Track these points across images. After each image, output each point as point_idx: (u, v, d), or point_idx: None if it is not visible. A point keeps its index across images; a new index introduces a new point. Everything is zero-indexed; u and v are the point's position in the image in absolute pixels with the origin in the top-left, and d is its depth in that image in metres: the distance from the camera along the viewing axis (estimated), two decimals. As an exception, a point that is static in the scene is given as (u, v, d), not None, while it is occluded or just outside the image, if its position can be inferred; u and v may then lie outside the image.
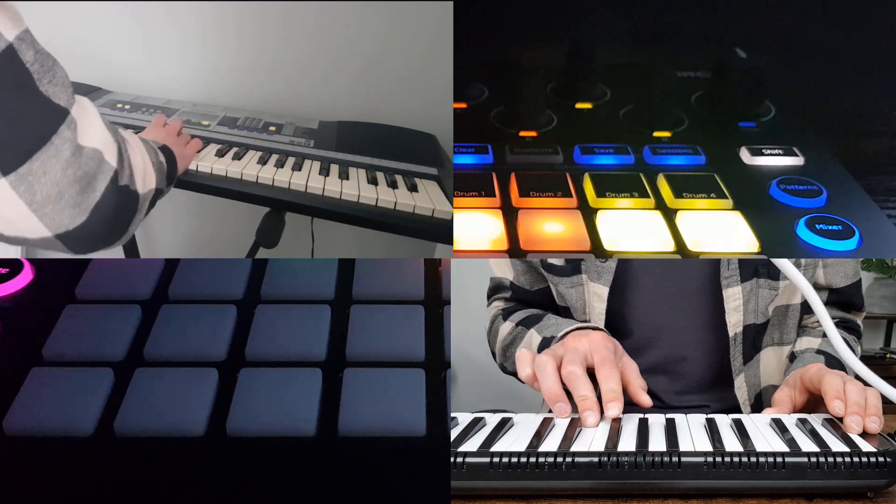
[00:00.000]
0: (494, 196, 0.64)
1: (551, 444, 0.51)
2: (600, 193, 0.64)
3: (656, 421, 0.57)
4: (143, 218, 0.62)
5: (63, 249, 0.53)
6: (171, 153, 0.75)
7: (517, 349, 0.78)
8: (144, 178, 0.61)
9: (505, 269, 0.85)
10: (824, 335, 0.78)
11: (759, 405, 0.77)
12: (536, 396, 0.77)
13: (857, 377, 0.61)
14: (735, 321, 0.74)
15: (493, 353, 0.86)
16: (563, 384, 0.60)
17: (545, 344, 0.73)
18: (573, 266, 0.77)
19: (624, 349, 0.68)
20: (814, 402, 0.65)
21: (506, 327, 0.81)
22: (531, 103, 0.77)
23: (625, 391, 0.61)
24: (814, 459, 0.48)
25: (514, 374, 0.79)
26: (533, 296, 0.83)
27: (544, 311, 0.83)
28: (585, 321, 0.77)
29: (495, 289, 0.87)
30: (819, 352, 0.76)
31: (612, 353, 0.62)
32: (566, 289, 0.78)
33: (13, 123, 0.47)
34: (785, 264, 0.60)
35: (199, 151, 0.94)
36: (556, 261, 0.78)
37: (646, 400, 0.61)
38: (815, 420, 0.58)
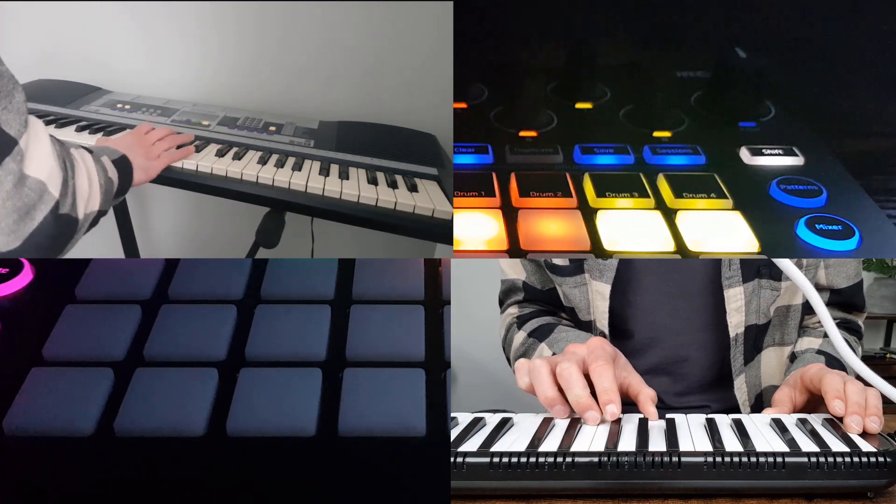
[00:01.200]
0: (494, 196, 0.64)
1: (551, 444, 0.51)
2: (600, 193, 0.64)
3: (656, 421, 0.57)
4: (80, 237, 0.63)
5: None
6: (128, 165, 0.75)
7: None
8: (88, 202, 0.62)
9: (517, 271, 0.85)
10: (825, 335, 0.78)
11: (759, 405, 0.77)
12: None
13: (858, 377, 0.61)
14: (736, 322, 0.74)
15: (509, 360, 0.86)
16: (560, 388, 0.60)
17: None
18: (576, 266, 0.77)
19: (626, 350, 0.68)
20: (814, 402, 0.65)
21: (519, 337, 0.82)
22: (531, 103, 0.77)
23: (634, 402, 0.60)
24: (814, 459, 0.48)
25: None
26: (544, 295, 0.84)
27: (556, 316, 0.83)
28: (590, 321, 0.77)
29: (508, 291, 0.87)
30: (819, 352, 0.76)
31: (608, 354, 0.62)
32: (570, 289, 0.78)
33: None
34: (786, 264, 0.60)
35: (183, 158, 0.92)
36: (560, 261, 0.78)
37: (653, 412, 0.59)
38: (815, 420, 0.58)
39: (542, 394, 0.59)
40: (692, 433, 0.54)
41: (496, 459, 0.49)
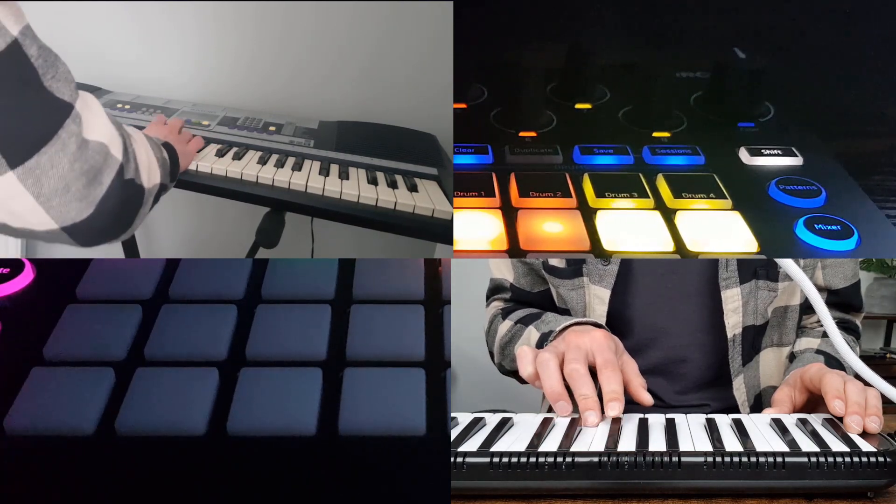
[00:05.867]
0: (494, 196, 0.64)
1: (551, 444, 0.51)
2: (600, 193, 0.64)
3: (656, 421, 0.57)
4: (147, 212, 0.62)
5: (69, 242, 0.54)
6: (174, 150, 0.75)
7: (516, 346, 0.78)
8: (149, 173, 0.61)
9: (505, 271, 0.85)
10: (824, 335, 0.78)
11: (758, 406, 0.77)
12: (536, 396, 0.77)
13: (858, 377, 0.61)
14: (734, 322, 0.74)
15: (491, 353, 0.86)
16: (566, 382, 0.60)
17: (543, 339, 0.73)
18: (574, 269, 0.77)
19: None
20: (814, 401, 0.65)
21: (504, 325, 0.81)
22: (531, 103, 0.77)
23: (626, 390, 0.61)
24: (814, 459, 0.48)
25: (512, 373, 0.79)
26: (533, 298, 0.83)
27: (544, 311, 0.83)
28: (586, 322, 0.78)
29: (495, 290, 0.87)
30: (819, 352, 0.76)
31: (614, 354, 0.62)
32: (567, 291, 0.78)
33: (19, 118, 0.47)
34: (787, 262, 0.60)
35: (199, 151, 0.94)
36: (558, 263, 0.78)
37: (647, 398, 0.61)
38: (815, 420, 0.58)
39: (550, 388, 0.60)
40: (692, 433, 0.54)
41: (496, 459, 0.49)
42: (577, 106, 0.79)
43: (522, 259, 0.83)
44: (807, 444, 0.50)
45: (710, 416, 0.58)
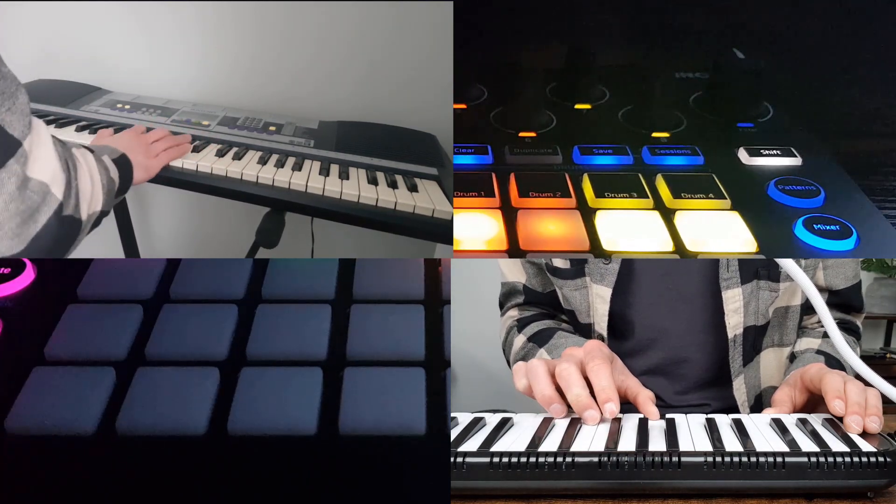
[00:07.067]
0: (494, 196, 0.65)
1: (551, 444, 0.51)
2: (599, 194, 0.64)
3: (656, 421, 0.57)
4: (83, 238, 0.62)
5: None
6: (129, 164, 0.75)
7: None
8: (91, 203, 0.61)
9: (517, 273, 0.85)
10: (824, 335, 0.78)
11: (758, 406, 0.77)
12: (536, 396, 0.76)
13: (858, 377, 0.61)
14: (735, 323, 0.74)
15: (509, 363, 0.86)
16: (558, 388, 0.60)
17: None
18: (577, 269, 0.77)
19: (625, 351, 0.69)
20: (814, 401, 0.65)
21: (519, 341, 0.82)
22: (531, 104, 0.77)
23: (634, 404, 0.61)
24: (814, 459, 0.48)
25: None
26: (545, 298, 0.84)
27: (556, 319, 0.83)
28: (589, 324, 0.78)
29: (508, 294, 0.87)
30: (819, 352, 0.76)
31: (607, 358, 0.62)
32: (570, 291, 0.78)
33: None
34: (787, 263, 0.60)
35: (180, 156, 0.92)
36: (561, 264, 0.78)
37: (654, 412, 0.60)
38: (816, 420, 0.58)
39: (540, 392, 0.60)
40: (692, 433, 0.54)
41: (496, 459, 0.49)
42: (577, 106, 0.79)
43: (530, 260, 0.83)
44: (807, 444, 0.50)
45: (710, 416, 0.58)
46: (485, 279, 0.87)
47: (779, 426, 0.55)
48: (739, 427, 0.54)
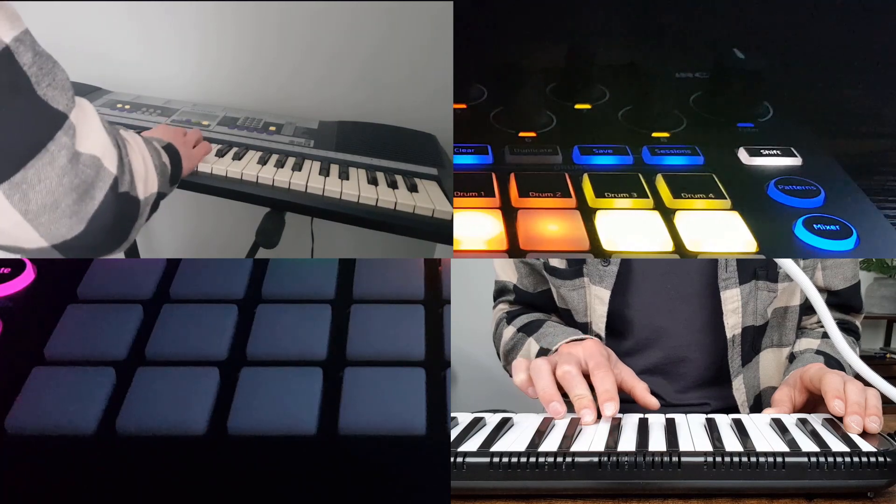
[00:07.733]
0: (494, 196, 0.65)
1: (551, 444, 0.51)
2: (599, 194, 0.64)
3: (656, 421, 0.57)
4: (144, 223, 0.60)
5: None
6: (177, 152, 0.74)
7: (516, 357, 0.79)
8: (146, 183, 0.59)
9: (508, 273, 0.85)
10: (824, 336, 0.78)
11: (758, 406, 0.77)
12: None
13: (858, 377, 0.61)
14: (733, 323, 0.74)
15: (499, 355, 0.86)
16: (559, 387, 0.61)
17: (542, 354, 0.73)
18: (575, 269, 0.77)
19: (624, 350, 0.69)
20: (814, 401, 0.65)
21: (508, 332, 0.82)
22: (531, 104, 0.77)
23: (631, 396, 0.61)
24: (814, 459, 0.48)
25: None
26: (535, 298, 0.84)
27: (546, 313, 0.83)
28: (586, 323, 0.78)
29: (500, 292, 0.87)
30: (818, 352, 0.76)
31: (606, 359, 0.63)
32: (568, 291, 0.78)
33: (8, 129, 0.45)
34: (787, 263, 0.60)
35: (207, 155, 0.93)
36: (559, 264, 0.78)
37: (653, 402, 0.61)
38: (815, 420, 0.58)
39: (542, 390, 0.60)
40: (692, 433, 0.54)
41: (496, 459, 0.49)
42: (577, 106, 0.79)
43: (525, 260, 0.83)
44: (807, 444, 0.50)
45: (710, 415, 0.58)
46: (485, 279, 0.87)
47: (779, 426, 0.55)
48: (739, 427, 0.54)
